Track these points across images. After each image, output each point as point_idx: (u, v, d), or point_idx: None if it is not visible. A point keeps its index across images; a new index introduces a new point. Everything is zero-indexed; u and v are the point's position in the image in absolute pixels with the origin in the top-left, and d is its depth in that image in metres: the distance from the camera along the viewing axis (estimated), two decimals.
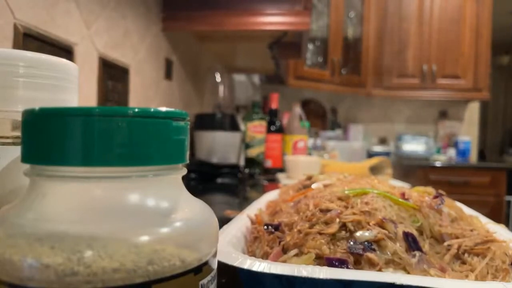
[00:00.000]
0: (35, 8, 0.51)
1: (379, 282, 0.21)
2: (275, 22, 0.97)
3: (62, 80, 0.19)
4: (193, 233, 0.13)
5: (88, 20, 0.65)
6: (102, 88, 0.71)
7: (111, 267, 0.11)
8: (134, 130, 0.12)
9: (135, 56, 0.85)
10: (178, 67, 1.14)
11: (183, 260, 0.12)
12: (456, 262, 0.26)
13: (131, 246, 0.11)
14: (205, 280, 0.13)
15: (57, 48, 0.56)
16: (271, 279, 0.22)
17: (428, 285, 0.21)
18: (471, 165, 2.16)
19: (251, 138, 1.27)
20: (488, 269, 0.24)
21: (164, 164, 0.13)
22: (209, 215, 0.15)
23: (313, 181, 0.36)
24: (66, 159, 0.12)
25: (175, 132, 0.13)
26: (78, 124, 0.12)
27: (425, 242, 0.27)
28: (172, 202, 0.14)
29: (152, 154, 0.13)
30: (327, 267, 0.22)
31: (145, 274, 0.11)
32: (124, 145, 0.12)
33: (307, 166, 1.00)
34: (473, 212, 0.40)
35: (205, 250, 0.14)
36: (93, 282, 0.11)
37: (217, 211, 0.77)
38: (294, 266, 0.22)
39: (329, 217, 0.24)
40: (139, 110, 0.12)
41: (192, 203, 0.15)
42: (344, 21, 2.16)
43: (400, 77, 2.24)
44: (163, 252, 0.12)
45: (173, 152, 0.14)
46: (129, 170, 0.13)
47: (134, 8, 0.84)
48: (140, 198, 0.13)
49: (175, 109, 0.14)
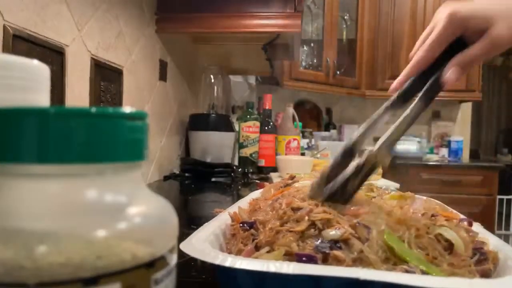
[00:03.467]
0: (25, 10, 0.52)
1: (344, 277, 0.22)
2: (266, 25, 0.98)
3: (32, 81, 0.19)
4: (148, 229, 0.14)
5: (80, 21, 0.66)
6: (94, 89, 0.72)
7: (58, 262, 0.11)
8: (90, 129, 0.13)
9: (128, 58, 0.86)
10: (172, 68, 1.15)
11: (135, 254, 0.13)
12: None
13: (84, 242, 0.12)
14: (159, 275, 0.14)
15: (47, 49, 0.57)
16: (243, 274, 0.24)
17: (389, 280, 0.22)
18: (463, 164, 2.18)
19: (245, 138, 1.28)
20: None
21: (120, 162, 0.14)
22: (167, 212, 0.16)
23: (295, 181, 0.37)
24: (21, 157, 0.12)
25: (131, 131, 0.14)
26: (33, 123, 0.12)
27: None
28: (128, 198, 0.14)
29: (108, 153, 0.13)
30: (295, 263, 0.23)
31: (93, 269, 0.12)
32: (79, 143, 0.13)
33: (298, 165, 1.01)
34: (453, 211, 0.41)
35: (160, 245, 0.14)
36: (40, 276, 0.11)
37: (207, 209, 0.78)
38: (263, 262, 0.23)
39: (299, 216, 0.25)
40: (95, 110, 0.13)
41: (150, 199, 0.15)
42: (339, 23, 2.17)
43: (394, 78, 2.25)
44: (117, 247, 0.12)
45: (130, 150, 0.14)
46: (85, 168, 0.13)
47: (127, 9, 0.84)
48: (96, 195, 0.14)
49: (135, 110, 0.15)
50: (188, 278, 0.34)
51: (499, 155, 3.88)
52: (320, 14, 2.09)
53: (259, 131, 1.28)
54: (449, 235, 0.25)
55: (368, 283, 0.22)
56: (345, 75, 2.20)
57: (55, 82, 0.59)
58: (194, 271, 0.35)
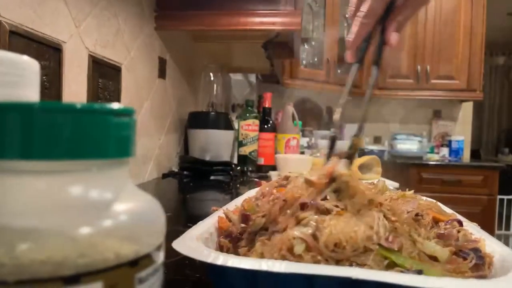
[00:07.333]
0: (22, 6, 0.52)
1: (337, 276, 0.22)
2: (266, 22, 0.97)
3: (21, 77, 0.19)
4: (133, 226, 0.14)
5: (78, 18, 0.65)
6: (92, 86, 0.72)
7: (39, 260, 0.11)
8: (75, 125, 0.13)
9: (127, 55, 0.86)
10: (172, 65, 1.14)
11: (118, 253, 0.13)
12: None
13: (67, 239, 0.12)
14: (143, 273, 0.14)
15: (44, 45, 0.57)
16: (235, 273, 0.23)
17: (383, 280, 0.22)
18: (464, 164, 2.17)
19: (244, 136, 1.28)
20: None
21: (106, 158, 0.14)
22: (153, 209, 0.15)
23: (289, 181, 0.37)
24: (5, 152, 0.12)
25: (117, 127, 0.14)
26: (17, 118, 0.12)
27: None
28: (114, 195, 0.14)
29: (93, 149, 0.13)
30: (288, 262, 0.23)
31: (74, 267, 0.12)
32: (64, 139, 0.13)
33: (297, 164, 1.01)
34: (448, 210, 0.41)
35: (146, 243, 0.14)
36: (20, 273, 0.11)
37: (205, 207, 0.78)
38: (255, 261, 0.23)
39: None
40: (80, 105, 0.13)
41: (137, 197, 0.15)
42: (340, 21, 2.16)
43: (395, 77, 2.25)
44: (100, 245, 0.12)
45: (116, 147, 0.14)
46: (70, 164, 0.13)
47: (126, 7, 0.84)
48: (81, 192, 0.13)
49: (122, 106, 0.14)
50: (182, 277, 0.34)
51: (500, 155, 3.87)
52: (321, 13, 2.08)
53: (258, 130, 1.28)
54: (428, 248, 0.25)
55: (361, 283, 0.22)
56: (346, 74, 2.19)
57: (52, 79, 0.59)
58: (188, 269, 0.35)
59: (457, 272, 0.25)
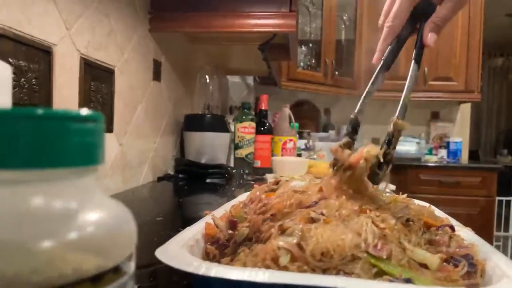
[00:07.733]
0: (9, 9, 0.51)
1: (321, 286, 0.21)
2: (261, 24, 0.97)
3: None
4: (98, 238, 0.13)
5: (69, 20, 0.65)
6: (84, 90, 0.71)
7: None
8: (34, 132, 0.12)
9: (120, 57, 0.85)
10: (167, 67, 1.14)
11: (78, 268, 0.12)
12: None
13: (22, 254, 0.11)
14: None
15: (34, 48, 0.56)
16: (217, 283, 0.23)
17: None
18: (462, 165, 2.17)
19: (240, 138, 1.28)
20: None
21: (68, 167, 0.13)
22: (122, 219, 0.15)
23: (279, 186, 0.36)
24: None
25: (79, 134, 0.13)
26: None
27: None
28: (78, 206, 0.13)
29: (54, 157, 0.12)
30: (271, 271, 0.22)
31: (27, 284, 0.11)
32: (22, 147, 0.12)
33: (293, 167, 1.00)
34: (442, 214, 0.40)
35: (113, 255, 0.13)
36: None
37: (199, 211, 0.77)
38: (239, 270, 0.22)
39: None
40: (40, 111, 0.12)
41: (104, 206, 0.14)
42: (337, 23, 2.16)
43: (392, 79, 2.25)
44: (58, 259, 0.11)
45: (79, 154, 0.13)
46: (29, 174, 0.12)
47: (119, 8, 0.84)
48: (41, 202, 0.13)
49: (88, 112, 0.14)
50: (169, 284, 0.33)
51: (498, 156, 3.87)
52: (319, 15, 2.08)
53: (254, 132, 1.27)
54: (418, 256, 0.25)
55: None
56: (343, 76, 2.19)
57: (42, 82, 0.58)
58: (176, 276, 0.34)
59: (448, 281, 0.24)
